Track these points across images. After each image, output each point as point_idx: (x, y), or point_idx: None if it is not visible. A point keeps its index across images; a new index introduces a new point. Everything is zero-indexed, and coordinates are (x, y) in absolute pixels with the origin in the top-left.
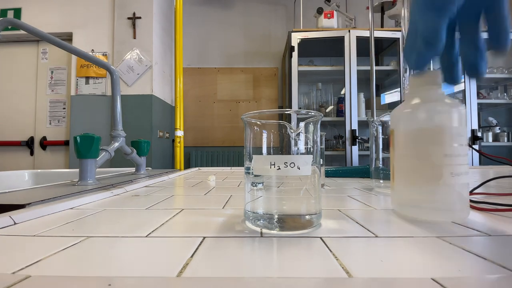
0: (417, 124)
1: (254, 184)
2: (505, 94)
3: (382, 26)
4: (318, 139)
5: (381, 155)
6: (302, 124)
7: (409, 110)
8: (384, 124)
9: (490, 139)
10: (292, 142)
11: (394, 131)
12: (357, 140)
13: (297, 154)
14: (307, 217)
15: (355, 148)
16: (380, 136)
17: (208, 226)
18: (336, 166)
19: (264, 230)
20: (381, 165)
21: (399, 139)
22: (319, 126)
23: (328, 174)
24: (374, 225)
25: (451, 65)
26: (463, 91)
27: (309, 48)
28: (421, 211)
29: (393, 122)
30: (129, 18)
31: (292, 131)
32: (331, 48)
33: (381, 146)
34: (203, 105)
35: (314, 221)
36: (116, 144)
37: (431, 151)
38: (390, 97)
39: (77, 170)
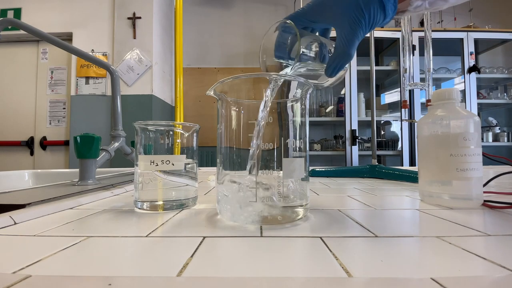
0: (439, 130)
1: None
2: (505, 94)
3: (382, 26)
4: None
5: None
6: None
7: (431, 120)
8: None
9: (490, 139)
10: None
11: (419, 136)
12: (357, 140)
13: None
14: None
15: (355, 148)
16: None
17: (207, 225)
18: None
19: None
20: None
21: (423, 142)
22: None
23: (327, 174)
24: (374, 224)
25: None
26: (463, 91)
27: None
28: (443, 200)
29: (419, 129)
30: (129, 18)
31: None
32: None
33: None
34: (203, 105)
35: None
36: (116, 144)
37: (451, 151)
38: (390, 97)
39: (77, 170)
